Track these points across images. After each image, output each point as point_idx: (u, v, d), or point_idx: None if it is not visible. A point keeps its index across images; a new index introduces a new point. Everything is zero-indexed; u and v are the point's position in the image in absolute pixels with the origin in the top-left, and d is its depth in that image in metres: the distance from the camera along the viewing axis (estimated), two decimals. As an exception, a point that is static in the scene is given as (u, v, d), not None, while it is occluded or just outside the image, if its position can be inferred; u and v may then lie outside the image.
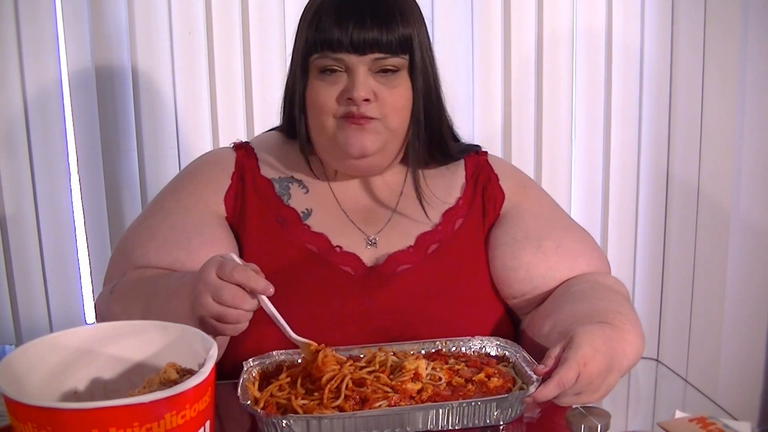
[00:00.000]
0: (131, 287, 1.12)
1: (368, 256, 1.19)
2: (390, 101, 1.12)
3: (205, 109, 1.93)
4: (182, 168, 1.32)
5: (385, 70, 1.11)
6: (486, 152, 1.32)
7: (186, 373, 0.78)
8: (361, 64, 1.09)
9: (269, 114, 1.91)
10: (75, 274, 1.99)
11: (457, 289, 1.18)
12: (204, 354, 0.76)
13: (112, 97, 1.91)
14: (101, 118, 1.91)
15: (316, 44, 1.10)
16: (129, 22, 1.87)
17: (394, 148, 1.17)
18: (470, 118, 1.96)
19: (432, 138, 1.21)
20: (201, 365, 0.72)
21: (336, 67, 1.11)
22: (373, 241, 1.20)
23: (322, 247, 1.18)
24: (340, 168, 1.21)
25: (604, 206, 2.05)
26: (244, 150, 1.25)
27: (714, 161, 1.99)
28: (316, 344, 0.98)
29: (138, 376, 0.82)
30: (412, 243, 1.20)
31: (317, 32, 1.10)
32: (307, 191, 1.22)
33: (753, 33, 1.91)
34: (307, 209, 1.21)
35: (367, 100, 1.10)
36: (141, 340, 0.83)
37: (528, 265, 1.18)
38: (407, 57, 1.12)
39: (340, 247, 1.18)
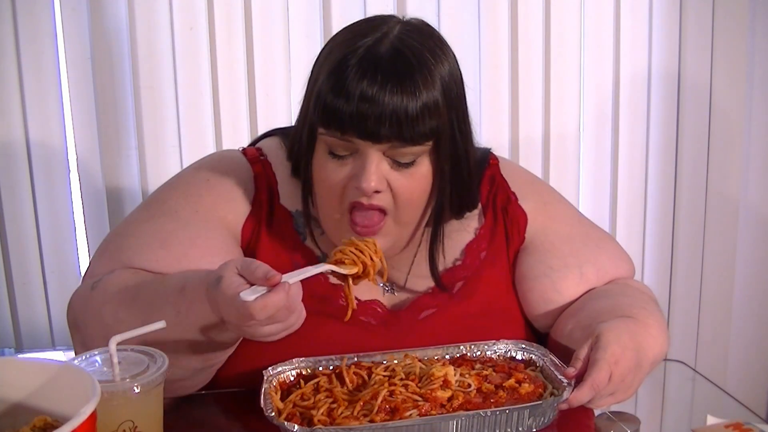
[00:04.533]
0: (123, 290, 0.98)
1: (388, 303, 1.10)
2: (404, 192, 0.98)
3: (207, 106, 1.89)
4: (187, 165, 1.19)
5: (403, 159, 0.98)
6: (497, 160, 1.21)
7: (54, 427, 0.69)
8: (375, 150, 0.96)
9: (272, 111, 1.90)
10: (75, 275, 1.95)
11: (486, 330, 1.09)
12: (88, 395, 0.68)
13: (112, 95, 1.87)
14: (101, 116, 1.87)
15: (323, 120, 0.96)
16: (129, 18, 1.83)
17: (406, 236, 1.06)
18: (478, 115, 1.94)
19: (458, 202, 1.08)
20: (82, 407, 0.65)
21: (345, 152, 0.98)
22: (389, 288, 1.12)
23: (338, 296, 1.07)
24: None
25: (613, 201, 2.04)
26: (261, 166, 1.12)
27: (722, 155, 1.99)
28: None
29: (9, 419, 0.74)
30: (433, 283, 1.10)
31: (325, 110, 0.95)
32: (323, 233, 1.09)
33: (761, 27, 1.91)
34: (323, 254, 1.09)
35: (378, 191, 0.98)
36: (16, 377, 0.76)
37: (572, 297, 1.12)
38: (431, 143, 0.98)
39: (357, 299, 1.07)
